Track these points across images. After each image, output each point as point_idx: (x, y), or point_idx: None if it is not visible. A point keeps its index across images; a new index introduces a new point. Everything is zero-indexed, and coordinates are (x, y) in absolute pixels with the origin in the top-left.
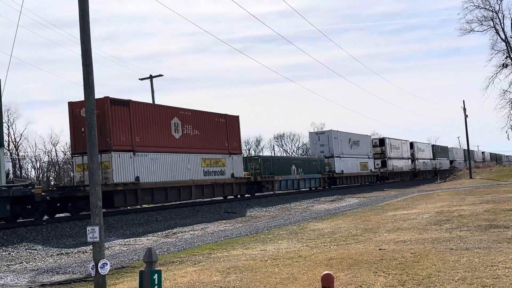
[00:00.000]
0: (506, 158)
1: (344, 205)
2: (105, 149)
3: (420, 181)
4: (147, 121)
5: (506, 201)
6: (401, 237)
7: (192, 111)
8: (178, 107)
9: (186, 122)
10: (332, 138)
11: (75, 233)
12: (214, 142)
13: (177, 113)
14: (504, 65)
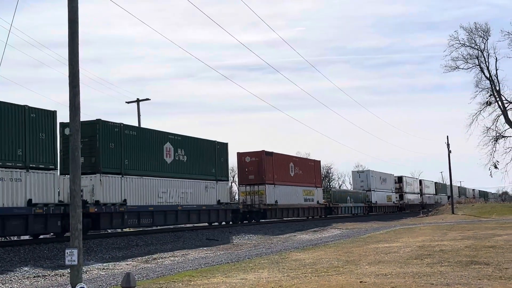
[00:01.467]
0: (492, 195)
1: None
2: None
3: (427, 211)
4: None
5: (487, 237)
6: (382, 270)
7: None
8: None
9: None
10: (370, 176)
11: (53, 255)
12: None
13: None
14: (488, 103)
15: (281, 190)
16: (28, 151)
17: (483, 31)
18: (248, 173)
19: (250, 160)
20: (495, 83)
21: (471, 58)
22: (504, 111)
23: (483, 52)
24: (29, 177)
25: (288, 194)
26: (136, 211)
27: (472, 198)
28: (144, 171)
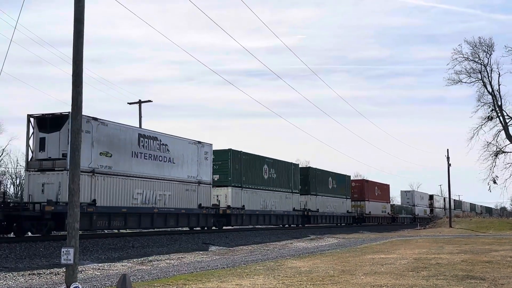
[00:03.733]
0: (496, 211)
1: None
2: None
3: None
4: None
5: (484, 252)
6: (377, 281)
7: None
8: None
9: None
10: (414, 195)
11: (49, 253)
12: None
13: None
14: (489, 117)
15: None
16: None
17: (487, 46)
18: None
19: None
20: (497, 98)
21: (474, 72)
22: (505, 127)
23: (486, 67)
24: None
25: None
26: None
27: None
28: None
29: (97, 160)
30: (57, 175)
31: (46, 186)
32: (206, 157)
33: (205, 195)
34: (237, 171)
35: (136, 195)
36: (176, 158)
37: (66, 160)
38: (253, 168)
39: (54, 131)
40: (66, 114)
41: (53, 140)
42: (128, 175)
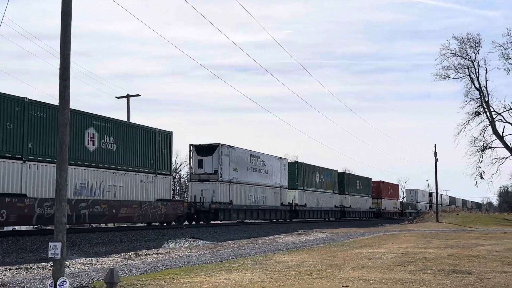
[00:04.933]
0: (484, 207)
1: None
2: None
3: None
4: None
5: (470, 247)
6: (365, 275)
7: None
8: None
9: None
10: (417, 193)
11: (36, 248)
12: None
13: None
14: (476, 113)
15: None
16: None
17: (475, 42)
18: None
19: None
20: (484, 94)
21: (461, 68)
22: (492, 122)
23: (474, 63)
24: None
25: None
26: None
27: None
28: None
29: (232, 174)
30: (211, 184)
31: (204, 191)
32: (284, 168)
33: (284, 196)
34: (301, 178)
35: (249, 197)
36: (269, 170)
37: (217, 174)
38: (310, 175)
39: (208, 155)
40: (216, 144)
41: (208, 162)
42: (246, 183)
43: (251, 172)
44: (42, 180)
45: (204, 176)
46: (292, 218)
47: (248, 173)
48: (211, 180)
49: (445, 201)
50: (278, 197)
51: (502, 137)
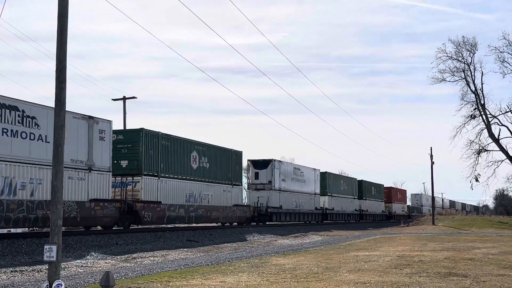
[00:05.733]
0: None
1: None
2: None
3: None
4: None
5: (466, 249)
6: (361, 278)
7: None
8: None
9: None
10: (422, 197)
11: (32, 250)
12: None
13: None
14: (472, 116)
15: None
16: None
17: (471, 45)
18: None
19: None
20: (480, 97)
21: (457, 71)
22: (488, 125)
23: (470, 66)
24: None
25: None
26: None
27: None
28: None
29: (281, 184)
30: (266, 192)
31: (260, 198)
32: (317, 177)
33: (317, 201)
34: (329, 185)
35: (293, 202)
36: (306, 180)
37: (270, 184)
38: (336, 183)
39: (263, 169)
40: (269, 160)
41: (263, 174)
42: (291, 191)
43: (294, 182)
44: (170, 191)
45: (260, 186)
46: (323, 220)
47: (292, 183)
48: (266, 189)
49: (446, 205)
50: (313, 202)
51: (498, 140)
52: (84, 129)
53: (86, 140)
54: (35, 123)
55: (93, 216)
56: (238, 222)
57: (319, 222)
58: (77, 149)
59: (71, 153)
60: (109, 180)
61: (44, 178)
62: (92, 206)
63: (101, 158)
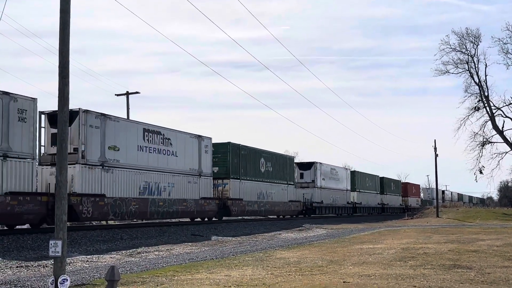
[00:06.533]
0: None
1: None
2: None
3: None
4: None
5: (470, 242)
6: (365, 271)
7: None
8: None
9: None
10: (432, 190)
11: (37, 246)
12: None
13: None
14: (476, 108)
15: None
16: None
17: (474, 37)
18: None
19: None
20: (484, 89)
21: (461, 63)
22: (492, 117)
23: (473, 58)
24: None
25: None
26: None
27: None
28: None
29: (322, 182)
30: (310, 189)
31: (305, 194)
32: (348, 176)
33: (348, 197)
34: (358, 182)
35: (330, 198)
36: (340, 178)
37: (314, 183)
38: (363, 180)
39: (307, 170)
40: (313, 162)
41: (307, 174)
42: (329, 188)
43: (331, 180)
44: (247, 190)
45: (304, 184)
46: (353, 212)
47: (329, 181)
48: (310, 187)
49: (455, 198)
50: (345, 197)
51: (502, 131)
52: (196, 145)
53: (197, 153)
54: (170, 143)
55: (203, 210)
56: (293, 214)
57: (350, 215)
58: (192, 160)
59: (188, 163)
60: (211, 183)
61: (176, 182)
62: (203, 202)
63: (206, 166)
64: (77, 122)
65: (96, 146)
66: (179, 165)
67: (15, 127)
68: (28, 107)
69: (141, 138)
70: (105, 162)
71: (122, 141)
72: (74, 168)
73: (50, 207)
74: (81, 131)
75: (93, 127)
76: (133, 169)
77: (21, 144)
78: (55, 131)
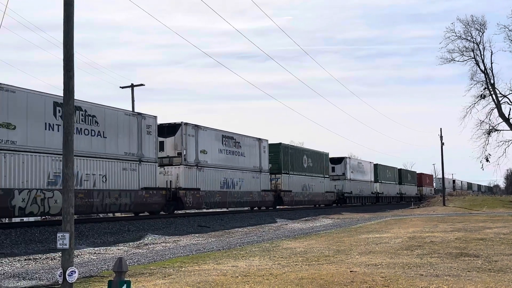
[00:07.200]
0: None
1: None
2: None
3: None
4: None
5: (477, 230)
6: (372, 260)
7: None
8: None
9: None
10: (445, 180)
11: (45, 238)
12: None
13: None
14: (482, 96)
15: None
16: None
17: (480, 24)
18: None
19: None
20: (489, 77)
21: (466, 50)
22: (498, 105)
23: (479, 45)
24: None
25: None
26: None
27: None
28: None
29: (351, 175)
30: (341, 181)
31: (336, 186)
32: (372, 168)
33: (372, 187)
34: (380, 174)
35: (358, 188)
36: (365, 171)
37: (344, 176)
38: (384, 172)
39: (338, 164)
40: (343, 157)
41: (338, 167)
42: (356, 180)
43: (358, 173)
44: (294, 183)
45: (335, 177)
46: (376, 201)
47: (357, 174)
48: (341, 179)
49: (465, 186)
50: (369, 188)
51: (508, 119)
52: (257, 146)
53: (258, 153)
54: (239, 145)
55: (264, 200)
56: (327, 204)
57: (373, 203)
58: (255, 159)
59: (252, 162)
60: (269, 177)
61: (245, 178)
62: (264, 194)
63: (264, 164)
64: (179, 132)
65: (192, 150)
66: (246, 163)
67: (145, 138)
68: (152, 123)
69: (220, 142)
70: (199, 163)
71: (208, 146)
72: (179, 168)
73: (168, 198)
74: (183, 140)
75: (190, 135)
76: (217, 168)
77: (149, 151)
78: (161, 140)
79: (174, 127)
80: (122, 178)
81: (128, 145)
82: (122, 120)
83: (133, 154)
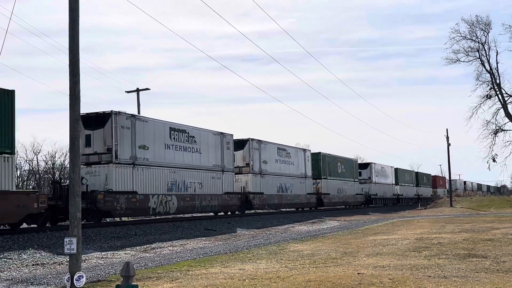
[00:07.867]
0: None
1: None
2: None
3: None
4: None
5: (485, 230)
6: (380, 262)
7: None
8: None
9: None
10: (457, 182)
11: (52, 243)
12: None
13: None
14: (488, 96)
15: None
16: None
17: (485, 24)
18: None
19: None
20: (495, 77)
21: (472, 51)
22: (504, 105)
23: (484, 45)
24: (355, 184)
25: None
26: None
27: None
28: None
29: (376, 179)
30: (367, 185)
31: (363, 188)
32: (393, 172)
33: (393, 189)
34: (400, 177)
35: (381, 190)
36: (387, 175)
37: (370, 179)
38: (403, 175)
39: (364, 169)
40: (368, 163)
41: (365, 172)
42: (381, 183)
43: (381, 176)
44: (331, 186)
45: (362, 180)
46: (397, 202)
47: (380, 178)
48: (367, 182)
49: (475, 187)
50: (391, 190)
51: None
52: (303, 156)
53: (303, 162)
54: (289, 155)
55: (309, 202)
56: (356, 205)
57: (394, 204)
58: (302, 167)
59: (299, 169)
60: (311, 182)
61: (294, 183)
62: (308, 196)
63: (308, 170)
64: (247, 146)
65: (257, 161)
66: (295, 171)
67: (225, 153)
68: (230, 139)
69: (276, 154)
70: (262, 171)
71: (268, 157)
72: (247, 176)
73: (242, 200)
74: (250, 152)
75: (255, 149)
76: (274, 175)
77: (228, 163)
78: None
79: (242, 142)
80: (212, 185)
81: (214, 159)
82: (211, 138)
83: (218, 166)
